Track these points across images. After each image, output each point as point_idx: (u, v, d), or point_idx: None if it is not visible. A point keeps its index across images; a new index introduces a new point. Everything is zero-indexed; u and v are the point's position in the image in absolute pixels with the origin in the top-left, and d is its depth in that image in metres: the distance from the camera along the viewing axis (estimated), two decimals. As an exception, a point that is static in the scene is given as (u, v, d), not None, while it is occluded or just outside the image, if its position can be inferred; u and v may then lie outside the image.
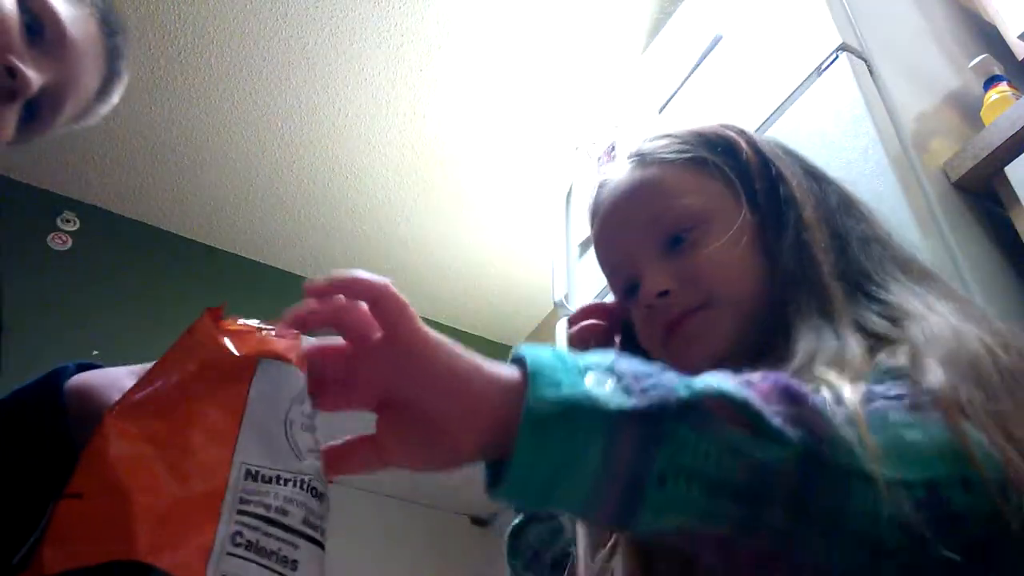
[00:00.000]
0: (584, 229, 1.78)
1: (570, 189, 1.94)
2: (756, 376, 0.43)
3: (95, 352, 2.51)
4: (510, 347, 3.42)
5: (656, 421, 0.38)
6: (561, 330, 1.66)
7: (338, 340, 0.43)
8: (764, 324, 0.67)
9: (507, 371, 0.41)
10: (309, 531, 0.37)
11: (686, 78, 1.58)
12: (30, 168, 2.69)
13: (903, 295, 0.61)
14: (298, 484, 0.37)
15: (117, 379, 0.47)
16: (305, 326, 0.42)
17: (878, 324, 0.58)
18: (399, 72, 2.50)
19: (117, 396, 0.42)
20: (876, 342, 0.56)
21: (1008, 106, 1.14)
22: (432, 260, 3.11)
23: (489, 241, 3.03)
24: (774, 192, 0.71)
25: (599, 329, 0.78)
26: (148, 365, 0.43)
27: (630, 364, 0.41)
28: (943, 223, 1.00)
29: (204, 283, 2.89)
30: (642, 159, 0.75)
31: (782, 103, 1.27)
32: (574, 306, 1.71)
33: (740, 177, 0.72)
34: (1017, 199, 1.01)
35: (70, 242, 2.70)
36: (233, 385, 0.37)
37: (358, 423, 0.42)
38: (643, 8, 2.35)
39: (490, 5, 2.34)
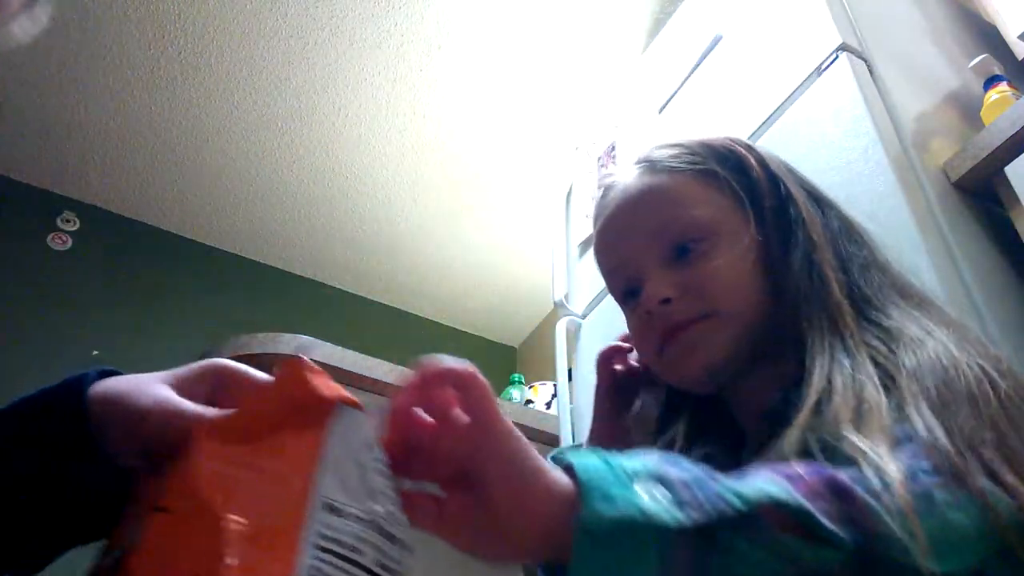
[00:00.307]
0: (584, 229, 1.78)
1: (570, 189, 1.94)
2: (802, 468, 0.44)
3: (95, 352, 2.51)
4: (510, 347, 3.43)
5: (711, 534, 0.39)
6: (561, 330, 1.66)
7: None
8: (762, 336, 0.68)
9: (561, 480, 0.41)
10: (383, 573, 0.38)
11: (686, 78, 1.58)
12: (30, 168, 2.69)
13: (902, 320, 0.62)
14: (371, 524, 0.38)
15: (144, 384, 0.47)
16: (402, 413, 0.44)
17: (879, 349, 0.59)
18: (399, 72, 2.50)
19: (147, 402, 0.42)
20: (883, 372, 0.57)
21: (1008, 106, 1.14)
22: (432, 260, 3.11)
23: (489, 241, 3.03)
24: (782, 211, 0.71)
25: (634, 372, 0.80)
26: (178, 370, 0.44)
27: (678, 470, 0.42)
28: (943, 223, 1.00)
29: (204, 283, 2.89)
30: (652, 165, 0.75)
31: (782, 103, 1.27)
32: (574, 306, 1.71)
33: (748, 193, 0.72)
34: (1017, 199, 1.01)
35: (70, 242, 2.70)
36: (314, 423, 0.39)
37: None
38: (643, 8, 2.35)
39: (490, 5, 2.34)
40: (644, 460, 0.42)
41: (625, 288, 0.75)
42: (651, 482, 0.40)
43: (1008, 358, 0.61)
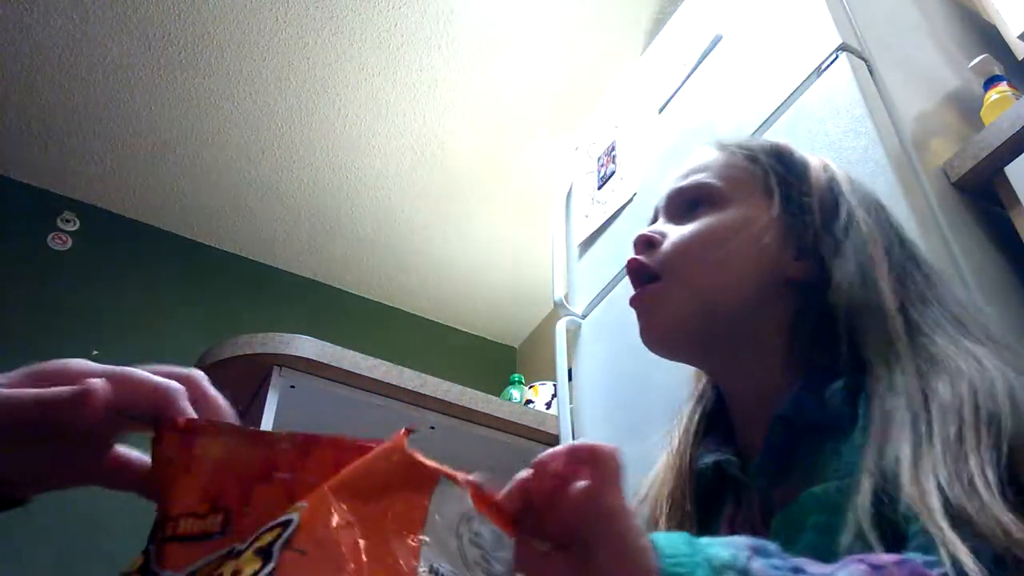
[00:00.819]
0: (584, 229, 1.78)
1: (570, 189, 1.94)
2: (887, 559, 0.45)
3: (95, 352, 2.51)
4: (510, 347, 3.43)
5: None
6: (561, 330, 1.66)
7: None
8: (737, 329, 0.68)
9: (652, 564, 0.43)
10: None
11: (686, 78, 1.58)
12: (30, 168, 2.69)
13: (956, 352, 0.61)
14: None
15: None
16: (528, 493, 0.45)
17: (929, 377, 0.59)
18: (399, 72, 2.50)
19: None
20: (935, 403, 0.57)
21: (1008, 106, 1.14)
22: (432, 260, 3.11)
23: (489, 241, 3.03)
24: (831, 224, 0.71)
25: None
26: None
27: (765, 563, 0.43)
28: (943, 223, 1.00)
29: (204, 283, 2.89)
30: (718, 144, 0.80)
31: (782, 103, 1.27)
32: (574, 306, 1.71)
33: (788, 187, 0.73)
34: (1017, 199, 1.01)
35: (70, 242, 2.70)
36: (420, 491, 0.41)
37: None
38: (643, 8, 2.35)
39: (490, 6, 2.34)
40: (733, 549, 0.43)
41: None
42: (738, 574, 0.42)
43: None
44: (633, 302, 0.73)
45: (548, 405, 2.26)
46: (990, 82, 1.23)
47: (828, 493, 0.56)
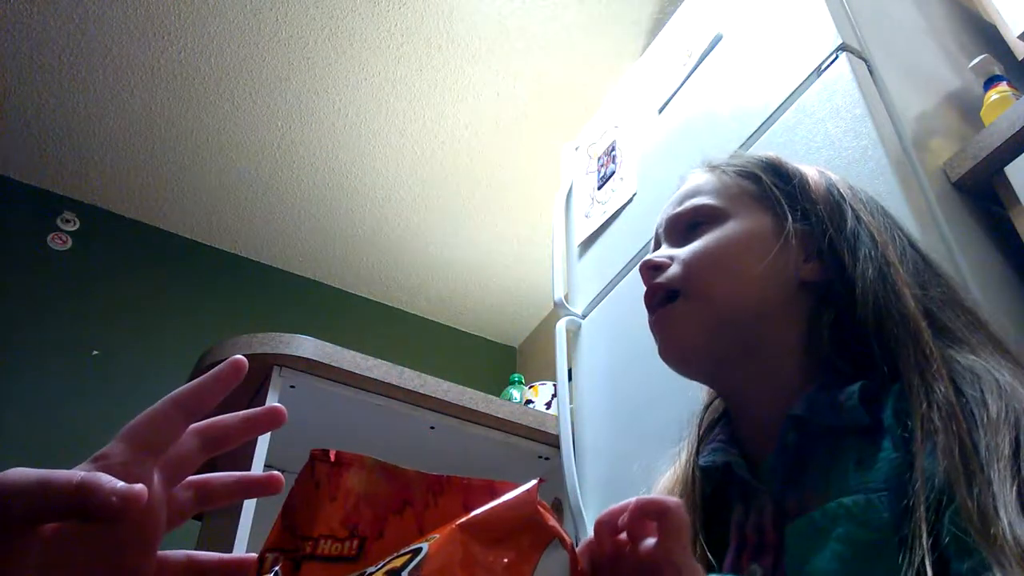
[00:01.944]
0: (584, 229, 1.78)
1: (570, 189, 1.94)
2: None
3: (95, 352, 2.51)
4: (510, 347, 3.43)
5: None
6: (561, 330, 1.66)
7: None
8: (755, 342, 0.67)
9: None
10: None
11: (686, 78, 1.58)
12: (30, 168, 2.69)
13: (988, 361, 0.60)
14: None
15: None
16: (603, 545, 0.47)
17: (964, 387, 0.58)
18: (399, 72, 2.50)
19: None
20: (968, 415, 0.56)
21: (1008, 106, 1.14)
22: (432, 260, 3.11)
23: (489, 241, 3.03)
24: (840, 230, 0.70)
25: None
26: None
27: None
28: (943, 223, 1.00)
29: (204, 283, 2.89)
30: (709, 167, 0.80)
31: (782, 103, 1.27)
32: (574, 306, 1.71)
33: (788, 198, 0.73)
34: (1017, 199, 1.01)
35: (70, 242, 2.70)
36: (535, 545, 0.44)
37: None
38: (643, 8, 2.35)
39: (490, 5, 2.34)
40: None
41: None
42: None
43: None
44: (657, 324, 0.72)
45: (548, 405, 2.26)
46: (990, 82, 1.23)
47: (859, 505, 0.55)
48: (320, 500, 0.45)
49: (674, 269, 0.71)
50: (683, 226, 0.75)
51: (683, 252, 0.72)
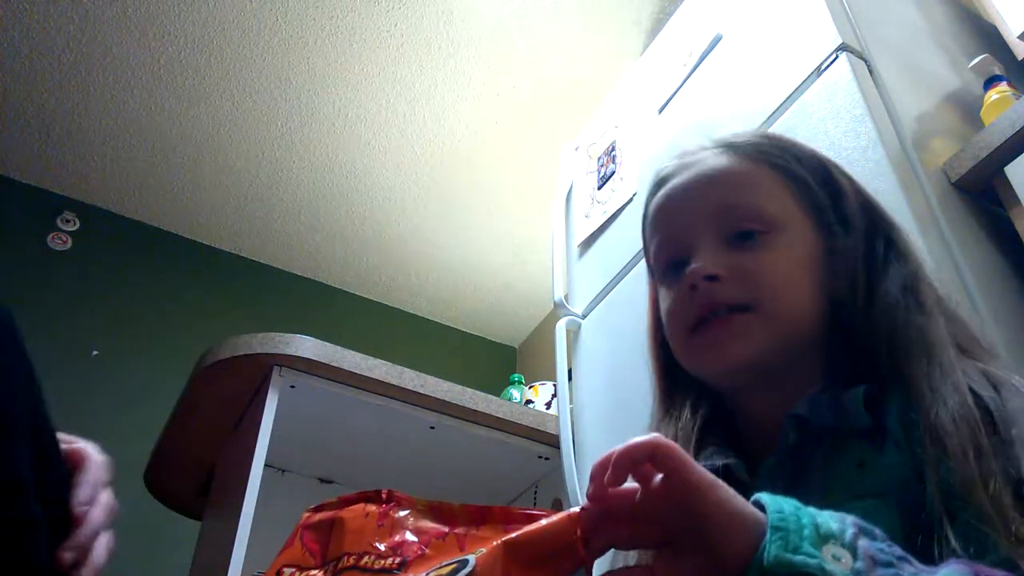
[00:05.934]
0: (584, 229, 1.78)
1: (570, 189, 1.94)
2: (994, 571, 0.45)
3: (95, 352, 2.51)
4: (510, 347, 3.43)
5: None
6: (561, 330, 1.66)
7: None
8: (795, 351, 0.66)
9: (759, 518, 0.44)
10: None
11: (686, 78, 1.58)
12: (30, 168, 2.69)
13: (998, 367, 0.61)
14: None
15: None
16: (604, 501, 0.47)
17: (981, 392, 0.57)
18: (399, 72, 2.50)
19: None
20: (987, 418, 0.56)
21: (1008, 106, 1.14)
22: (432, 260, 3.11)
23: (489, 241, 3.03)
24: (873, 237, 0.70)
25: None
26: None
27: (871, 544, 0.43)
28: (943, 223, 1.00)
29: (204, 283, 2.90)
30: (732, 148, 0.74)
31: (782, 103, 1.27)
32: (574, 306, 1.71)
33: (835, 213, 0.71)
34: (1017, 199, 1.01)
35: (70, 242, 2.70)
36: (567, 570, 0.46)
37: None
38: (643, 8, 2.35)
39: (490, 5, 2.34)
40: (839, 523, 0.44)
41: (671, 260, 0.73)
42: (842, 548, 0.42)
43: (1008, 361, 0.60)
44: (718, 327, 0.66)
45: (548, 405, 2.26)
46: (990, 82, 1.23)
47: (868, 512, 0.54)
48: (367, 527, 0.50)
49: (739, 283, 0.67)
50: (730, 229, 0.69)
51: (751, 265, 0.67)
